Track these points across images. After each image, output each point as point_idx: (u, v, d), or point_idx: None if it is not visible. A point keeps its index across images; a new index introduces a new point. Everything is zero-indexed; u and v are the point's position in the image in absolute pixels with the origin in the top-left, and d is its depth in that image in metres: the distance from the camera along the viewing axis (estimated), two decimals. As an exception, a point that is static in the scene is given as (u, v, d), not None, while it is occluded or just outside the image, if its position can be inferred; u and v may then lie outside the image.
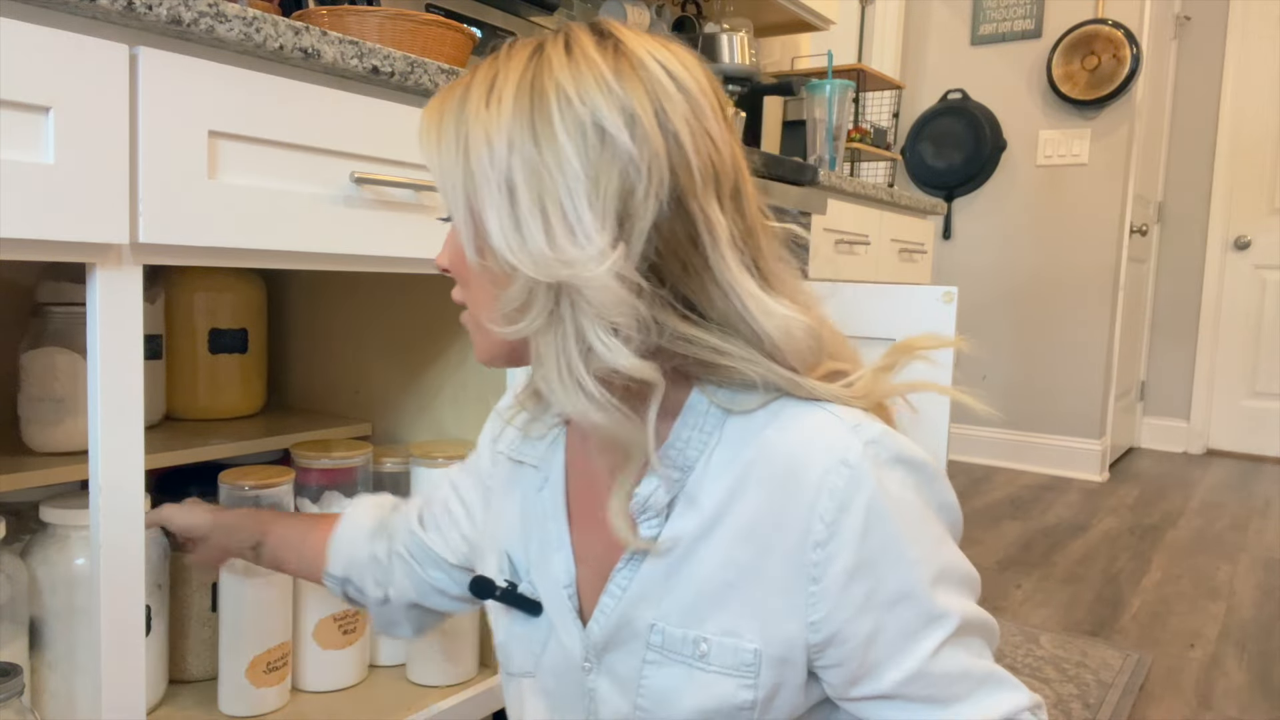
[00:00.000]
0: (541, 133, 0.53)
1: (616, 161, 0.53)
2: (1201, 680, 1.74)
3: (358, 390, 1.39)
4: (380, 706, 1.13)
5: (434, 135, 0.58)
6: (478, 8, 1.91)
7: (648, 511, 0.60)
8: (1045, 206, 3.51)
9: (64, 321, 1.04)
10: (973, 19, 3.60)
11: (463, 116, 0.56)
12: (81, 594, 0.86)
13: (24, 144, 0.68)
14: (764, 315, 0.56)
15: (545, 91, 0.54)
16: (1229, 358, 3.96)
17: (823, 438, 0.56)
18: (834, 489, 0.54)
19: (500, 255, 0.55)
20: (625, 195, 0.53)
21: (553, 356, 0.55)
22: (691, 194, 0.54)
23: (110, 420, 0.75)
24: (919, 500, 0.57)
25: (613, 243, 0.52)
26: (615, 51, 0.55)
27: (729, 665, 0.58)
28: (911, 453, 0.58)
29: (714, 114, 0.57)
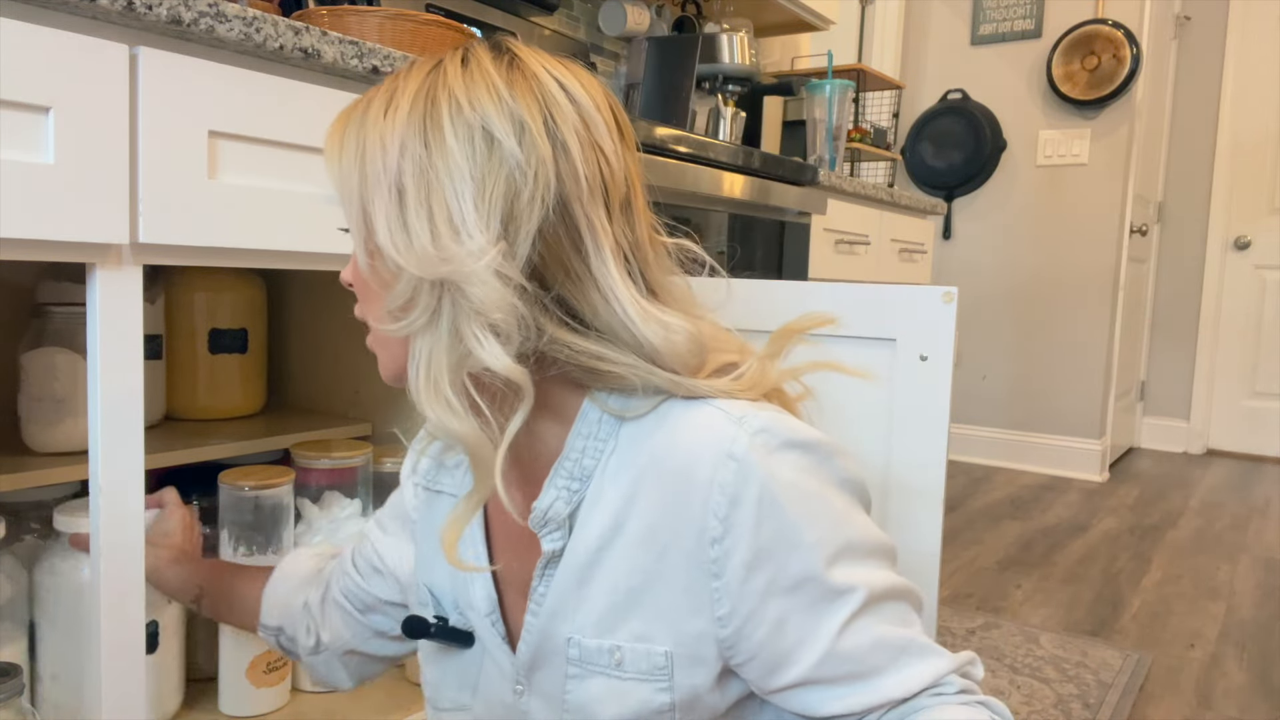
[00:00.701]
0: (432, 136, 0.55)
1: (503, 166, 0.54)
2: (1201, 680, 1.74)
3: (358, 390, 1.39)
4: (379, 706, 1.13)
5: (335, 147, 0.59)
6: (478, 8, 1.91)
7: (549, 525, 0.61)
8: (1045, 206, 3.51)
9: (64, 321, 1.04)
10: (973, 19, 3.60)
11: (362, 126, 0.58)
12: (88, 604, 0.85)
13: (24, 144, 0.68)
14: (643, 321, 0.56)
15: (438, 99, 0.56)
16: (1229, 358, 3.96)
17: (708, 434, 0.56)
18: (724, 484, 0.55)
19: (386, 254, 0.56)
20: (511, 198, 0.54)
21: (423, 356, 0.56)
22: (577, 201, 0.56)
23: (110, 420, 0.75)
24: (814, 480, 0.57)
25: (494, 240, 0.54)
26: (510, 65, 0.57)
27: (643, 671, 0.59)
28: (802, 434, 0.57)
29: (608, 129, 0.58)
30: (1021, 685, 1.66)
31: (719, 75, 2.32)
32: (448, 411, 0.55)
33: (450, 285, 0.54)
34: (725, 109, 2.37)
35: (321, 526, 1.14)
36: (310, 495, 1.16)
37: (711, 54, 2.28)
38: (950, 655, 0.59)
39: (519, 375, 0.54)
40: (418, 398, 0.56)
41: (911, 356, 0.92)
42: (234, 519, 1.06)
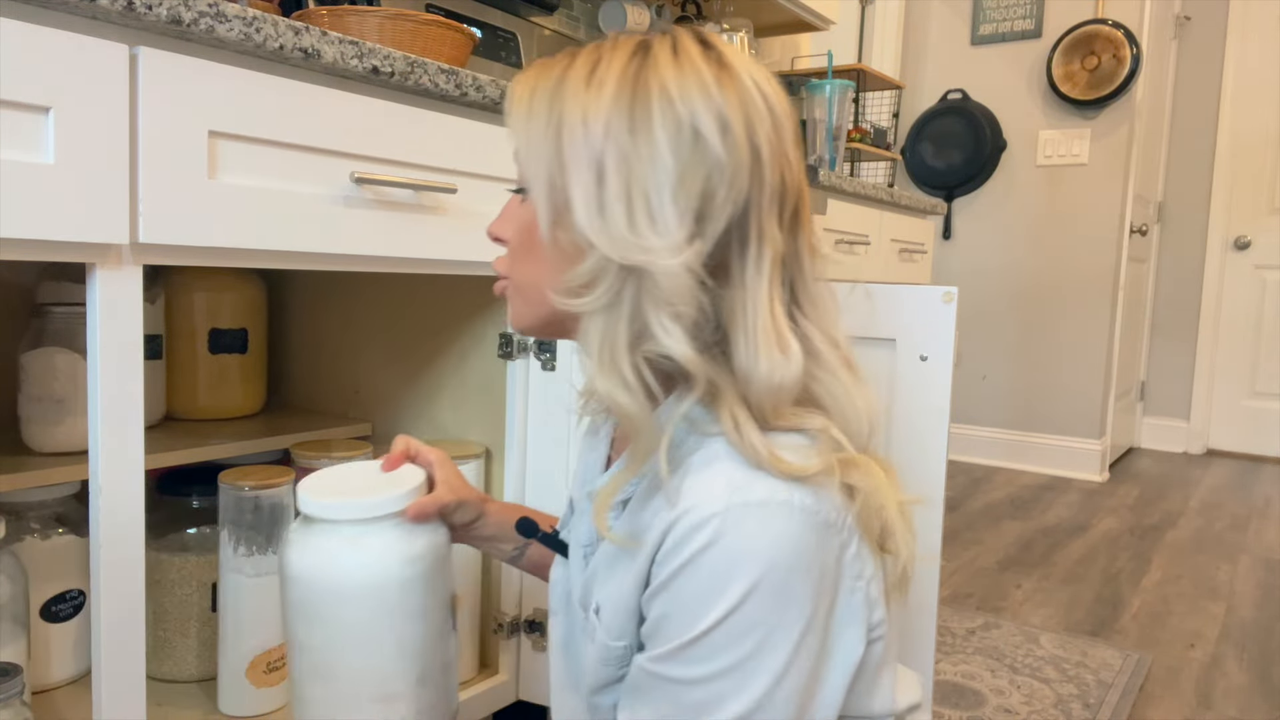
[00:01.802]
0: (639, 123, 0.56)
1: (705, 164, 0.56)
2: (1201, 680, 1.74)
3: (358, 390, 1.39)
4: (380, 706, 1.13)
5: (524, 108, 0.60)
6: (478, 8, 1.91)
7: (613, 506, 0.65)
8: (1045, 206, 3.51)
9: (64, 321, 1.04)
10: (973, 19, 3.60)
11: (559, 94, 0.59)
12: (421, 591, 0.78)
13: (24, 144, 0.68)
14: (764, 345, 0.57)
15: (648, 86, 0.57)
16: (1229, 358, 3.96)
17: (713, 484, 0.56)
18: (683, 526, 0.55)
19: (580, 232, 0.57)
20: (707, 197, 0.56)
21: (598, 333, 0.58)
22: (758, 207, 0.58)
23: (110, 420, 0.75)
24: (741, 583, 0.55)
25: (689, 238, 0.56)
26: (719, 63, 0.58)
27: (605, 659, 0.63)
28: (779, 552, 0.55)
29: (793, 138, 0.61)
30: (1021, 685, 1.66)
31: (719, 75, 2.31)
32: (622, 387, 0.57)
33: (639, 271, 0.56)
34: (725, 109, 2.37)
35: (321, 526, 1.14)
36: (310, 495, 1.16)
37: (711, 54, 2.28)
38: None
39: (697, 365, 0.56)
40: (592, 369, 0.59)
41: (911, 356, 0.92)
42: (234, 519, 1.06)
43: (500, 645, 1.20)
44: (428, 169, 0.99)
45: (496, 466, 1.21)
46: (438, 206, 1.00)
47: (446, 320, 1.27)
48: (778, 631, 0.55)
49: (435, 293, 1.27)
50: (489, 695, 1.18)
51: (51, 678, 1.07)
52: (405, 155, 0.96)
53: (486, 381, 1.22)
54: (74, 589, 1.09)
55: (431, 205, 1.00)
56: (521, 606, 1.19)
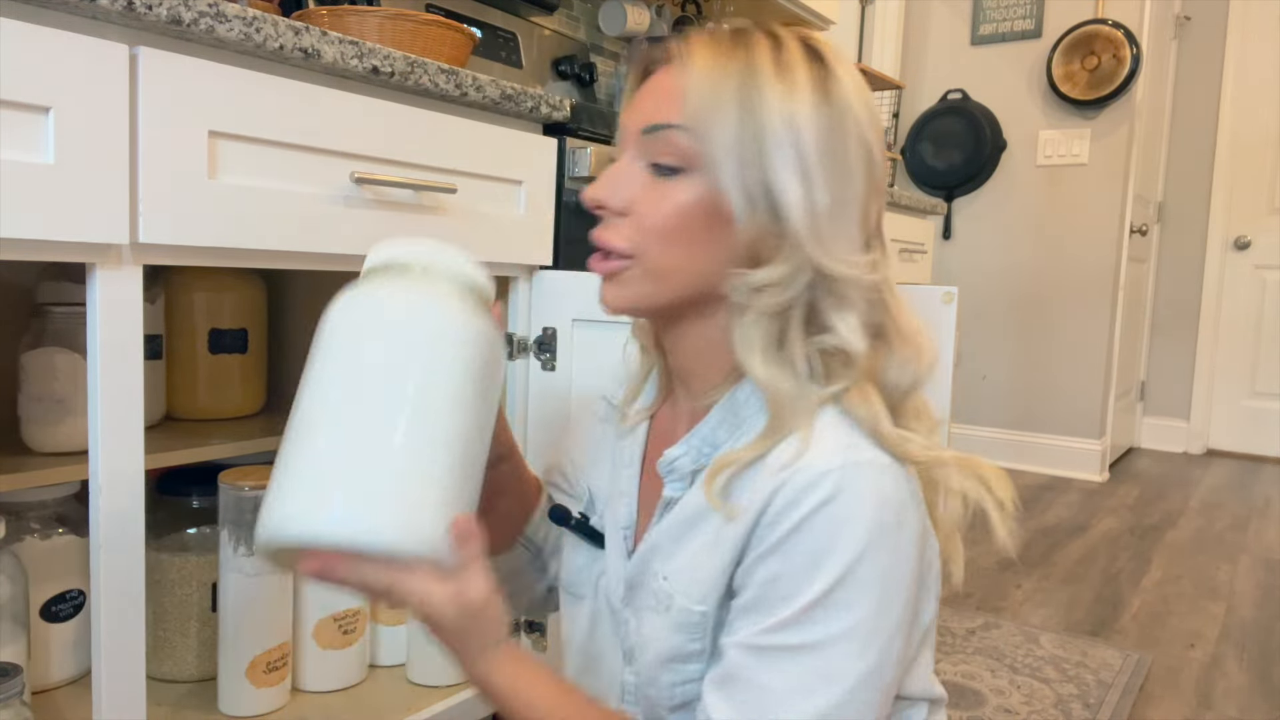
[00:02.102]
0: (841, 143, 0.61)
1: (872, 182, 0.63)
2: (1201, 680, 1.74)
3: (358, 390, 1.39)
4: (380, 706, 1.13)
5: (709, 81, 0.61)
6: (478, 8, 1.91)
7: (674, 474, 0.67)
8: (1045, 206, 3.51)
9: (64, 321, 1.04)
10: (973, 19, 3.60)
11: (754, 87, 0.60)
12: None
13: (24, 144, 0.68)
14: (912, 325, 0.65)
15: (844, 103, 0.61)
16: (1229, 358, 3.96)
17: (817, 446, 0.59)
18: (795, 485, 0.58)
19: (794, 238, 0.60)
20: (865, 209, 0.63)
21: (765, 327, 0.62)
22: (881, 215, 0.67)
23: (110, 420, 0.75)
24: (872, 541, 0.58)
25: (867, 248, 0.63)
26: (859, 83, 0.64)
27: (681, 624, 0.64)
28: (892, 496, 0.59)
29: None
30: (1021, 685, 1.66)
31: (719, 75, 2.31)
32: (791, 376, 0.61)
33: (828, 278, 0.61)
34: (725, 109, 2.37)
35: (321, 526, 1.14)
36: (310, 495, 1.16)
37: (711, 54, 2.28)
38: None
39: (867, 359, 0.62)
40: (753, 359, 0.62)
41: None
42: (234, 519, 1.06)
43: (500, 645, 1.20)
44: (428, 169, 0.99)
45: (496, 466, 1.21)
46: (438, 206, 1.00)
47: (446, 320, 1.26)
48: (891, 588, 0.58)
49: (435, 293, 1.27)
50: (489, 695, 1.18)
51: (51, 678, 1.07)
52: (405, 155, 0.96)
53: (486, 381, 1.22)
54: (74, 589, 1.09)
55: (431, 205, 1.00)
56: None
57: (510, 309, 1.15)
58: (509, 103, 1.07)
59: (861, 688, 0.57)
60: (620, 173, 0.65)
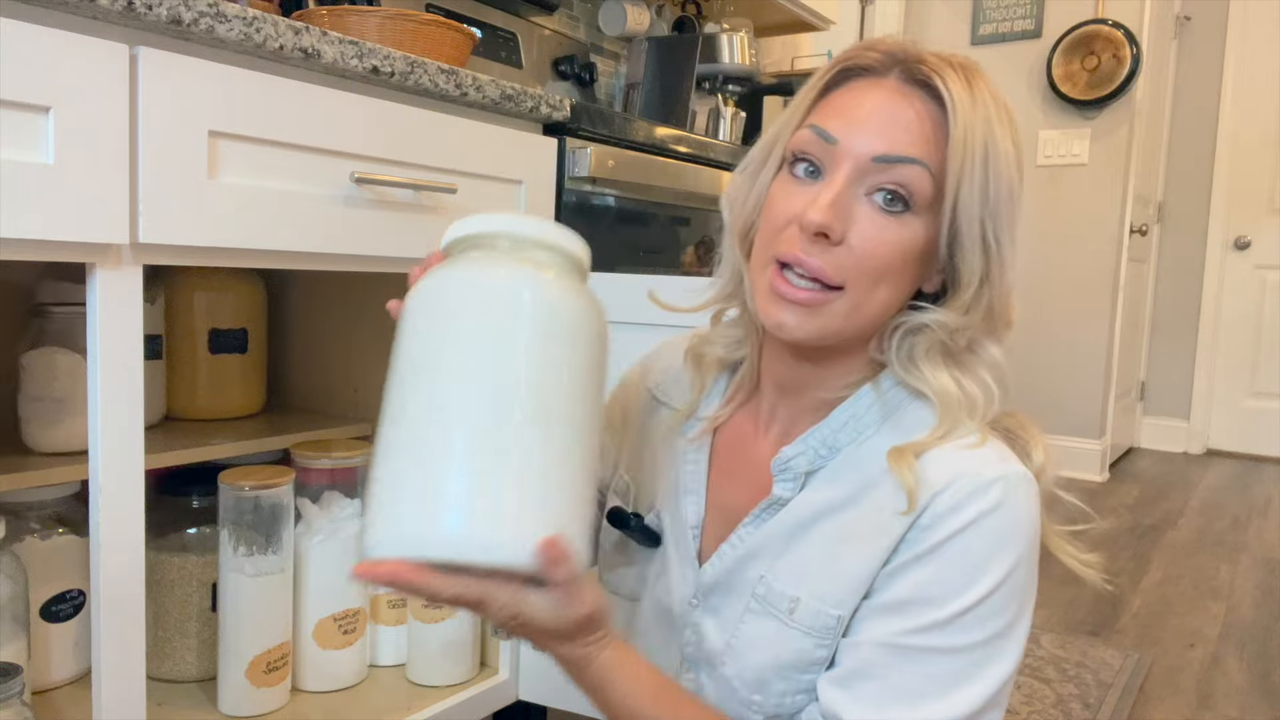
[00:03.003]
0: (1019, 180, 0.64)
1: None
2: (1201, 680, 1.74)
3: (358, 390, 1.39)
4: (380, 706, 1.13)
5: (964, 140, 0.61)
6: (478, 8, 1.91)
7: (787, 472, 0.66)
8: (1045, 206, 3.51)
9: (64, 321, 1.04)
10: (973, 19, 3.60)
11: (995, 144, 0.62)
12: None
13: (24, 144, 0.68)
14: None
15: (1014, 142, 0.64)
16: (1229, 358, 3.96)
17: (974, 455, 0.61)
18: (956, 491, 0.59)
19: (1001, 284, 0.63)
20: None
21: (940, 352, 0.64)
22: None
23: (110, 420, 0.75)
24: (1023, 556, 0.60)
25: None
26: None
27: (812, 627, 0.63)
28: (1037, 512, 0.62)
29: None
30: (1021, 685, 1.66)
31: (719, 75, 2.31)
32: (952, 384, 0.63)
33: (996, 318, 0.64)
34: (725, 109, 2.37)
35: (321, 526, 1.14)
36: (310, 495, 1.16)
37: (711, 54, 2.28)
38: None
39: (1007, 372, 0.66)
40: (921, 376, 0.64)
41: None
42: (234, 519, 1.06)
43: (500, 646, 1.20)
44: (428, 169, 0.99)
45: (496, 466, 1.20)
46: (438, 206, 1.00)
47: (446, 320, 1.26)
48: (1027, 600, 0.61)
49: (435, 293, 1.27)
50: (489, 695, 1.18)
51: (51, 678, 1.07)
52: (405, 155, 0.96)
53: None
54: (74, 589, 1.09)
55: (431, 205, 1.00)
56: (521, 606, 1.19)
57: (510, 309, 1.15)
58: (509, 103, 1.07)
59: (998, 694, 0.59)
60: (844, 199, 0.60)
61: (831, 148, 0.61)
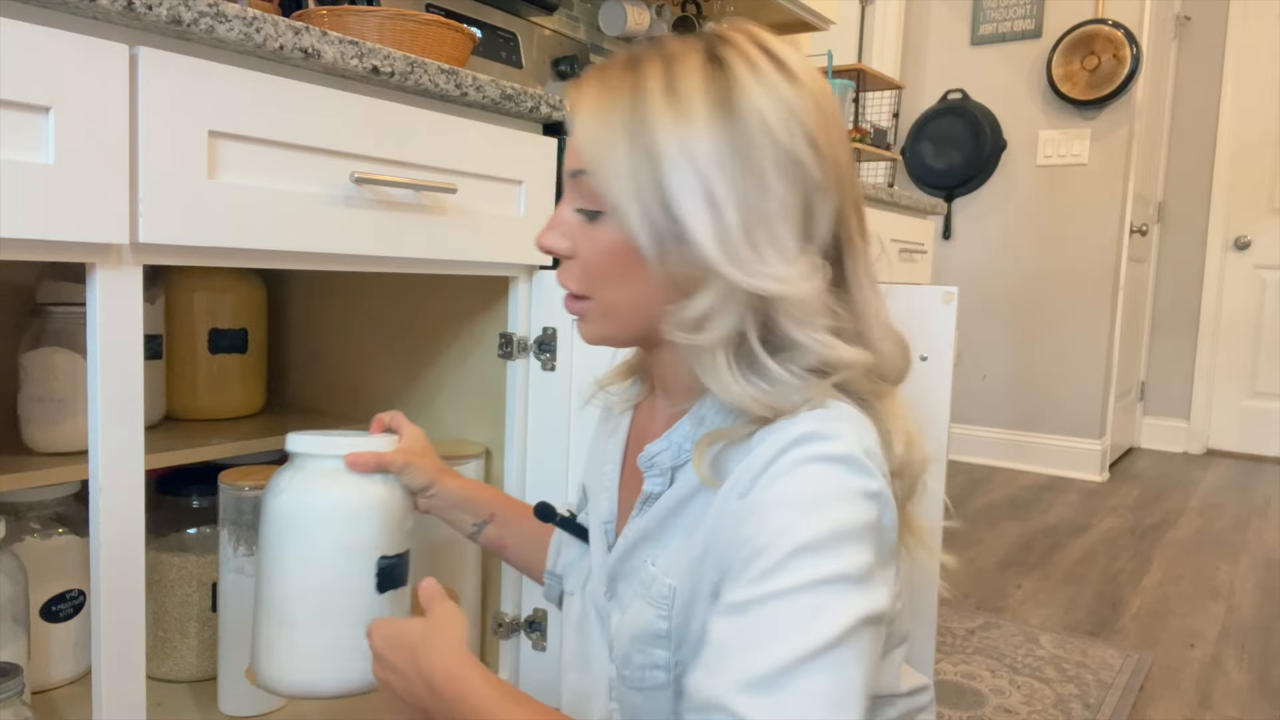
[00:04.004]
0: (743, 155, 0.57)
1: (806, 185, 0.59)
2: (1201, 680, 1.74)
3: (358, 390, 1.39)
4: (380, 706, 1.13)
5: (597, 132, 0.60)
6: (478, 8, 1.91)
7: (654, 468, 0.67)
8: (1045, 206, 3.51)
9: (64, 321, 1.04)
10: (973, 19, 3.60)
11: (642, 117, 0.59)
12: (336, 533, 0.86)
13: (24, 144, 0.68)
14: (882, 331, 0.62)
15: (743, 113, 0.58)
16: (1229, 358, 3.96)
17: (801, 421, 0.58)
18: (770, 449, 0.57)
19: (706, 264, 0.58)
20: (807, 214, 0.59)
21: (724, 357, 0.59)
22: (842, 212, 0.61)
23: (110, 420, 0.75)
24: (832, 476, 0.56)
25: (807, 255, 0.59)
26: (791, 76, 0.60)
27: (655, 597, 0.64)
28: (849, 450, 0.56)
29: (846, 135, 0.63)
30: (1021, 685, 1.66)
31: (719, 75, 2.31)
32: (752, 395, 0.59)
33: (769, 298, 0.58)
34: (725, 109, 2.37)
35: (321, 526, 1.14)
36: (310, 495, 1.16)
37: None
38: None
39: (863, 356, 0.60)
40: (719, 384, 0.60)
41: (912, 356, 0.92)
42: (234, 519, 1.06)
43: (500, 645, 1.20)
44: (428, 169, 0.99)
45: (496, 466, 1.21)
46: (438, 206, 1.00)
47: (446, 320, 1.26)
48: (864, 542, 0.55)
49: (435, 292, 1.27)
50: (489, 695, 1.18)
51: (51, 678, 1.07)
52: (405, 155, 0.96)
53: (486, 381, 1.22)
54: (74, 589, 1.09)
55: (431, 205, 1.00)
56: (521, 607, 1.19)
57: (510, 309, 1.15)
58: (509, 103, 1.07)
59: (859, 629, 0.52)
60: (561, 217, 0.66)
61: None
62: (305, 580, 0.83)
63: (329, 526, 0.84)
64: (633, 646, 0.66)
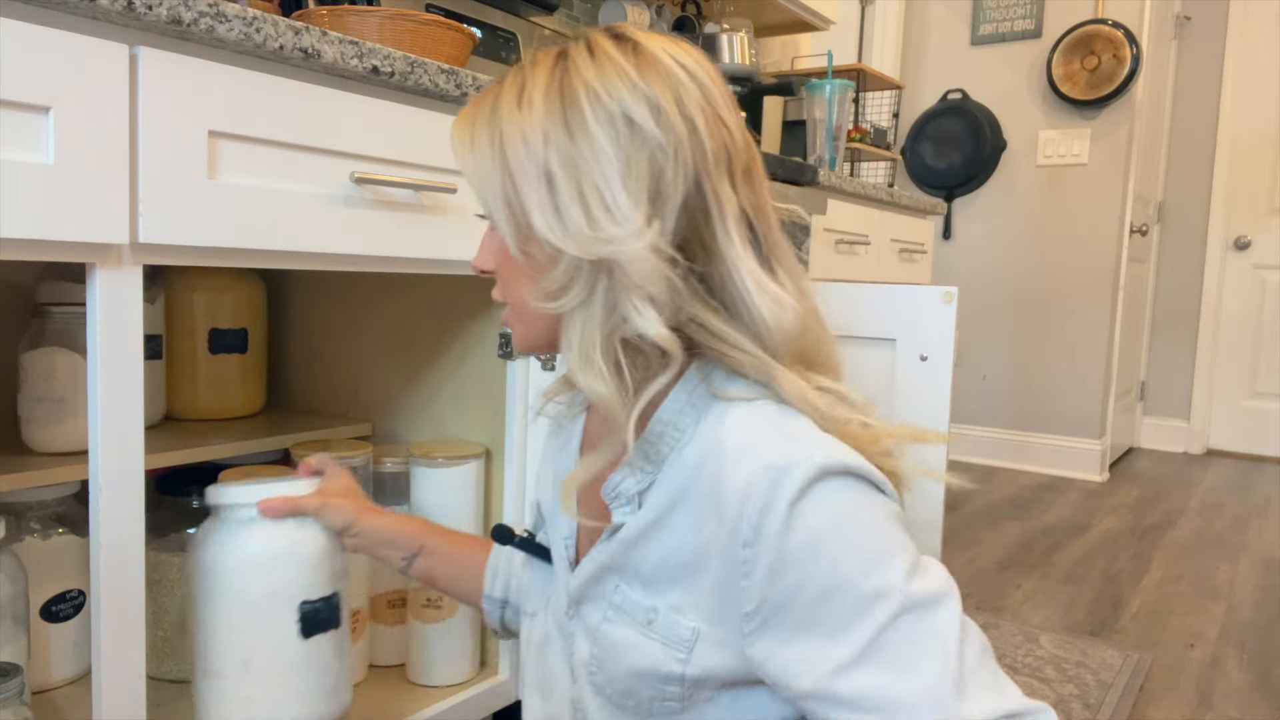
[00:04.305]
0: (575, 126, 0.58)
1: (646, 147, 0.58)
2: (1201, 680, 1.74)
3: (358, 390, 1.39)
4: (380, 706, 1.13)
5: (467, 140, 0.63)
6: (478, 8, 1.91)
7: (619, 499, 0.65)
8: (1045, 206, 3.51)
9: (64, 321, 1.04)
10: (973, 19, 3.60)
11: (495, 120, 0.61)
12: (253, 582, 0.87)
13: (24, 144, 0.68)
14: (759, 293, 0.60)
15: (575, 89, 0.59)
16: (1229, 358, 3.96)
17: (769, 444, 0.58)
18: (759, 489, 0.56)
19: (545, 241, 0.59)
20: (656, 177, 0.58)
21: (578, 330, 0.60)
22: (707, 175, 0.60)
23: (110, 420, 0.75)
24: (854, 504, 0.57)
25: (648, 219, 0.57)
26: (635, 51, 0.61)
27: (668, 637, 0.62)
28: (855, 464, 0.58)
29: (724, 101, 0.62)
30: (1021, 685, 1.66)
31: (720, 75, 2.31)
32: (598, 379, 0.60)
33: (608, 263, 0.58)
34: (725, 109, 2.37)
35: (321, 526, 1.14)
36: (310, 495, 1.16)
37: (711, 54, 2.28)
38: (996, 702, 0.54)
39: (671, 342, 0.59)
40: (571, 367, 0.61)
41: (911, 356, 0.92)
42: (234, 519, 1.06)
43: (500, 646, 1.20)
44: (428, 169, 0.99)
45: (496, 466, 1.21)
46: (437, 206, 1.00)
47: (446, 320, 1.26)
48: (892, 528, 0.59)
49: (435, 293, 1.27)
50: (488, 695, 1.18)
51: (51, 678, 1.07)
52: (405, 155, 0.96)
53: (486, 381, 1.22)
54: (74, 589, 1.09)
55: (431, 205, 1.00)
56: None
57: (510, 309, 1.15)
58: (509, 103, 1.07)
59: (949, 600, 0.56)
60: (488, 236, 0.68)
61: None
62: (229, 631, 0.85)
63: (247, 575, 0.85)
64: (639, 682, 0.64)
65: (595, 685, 0.67)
